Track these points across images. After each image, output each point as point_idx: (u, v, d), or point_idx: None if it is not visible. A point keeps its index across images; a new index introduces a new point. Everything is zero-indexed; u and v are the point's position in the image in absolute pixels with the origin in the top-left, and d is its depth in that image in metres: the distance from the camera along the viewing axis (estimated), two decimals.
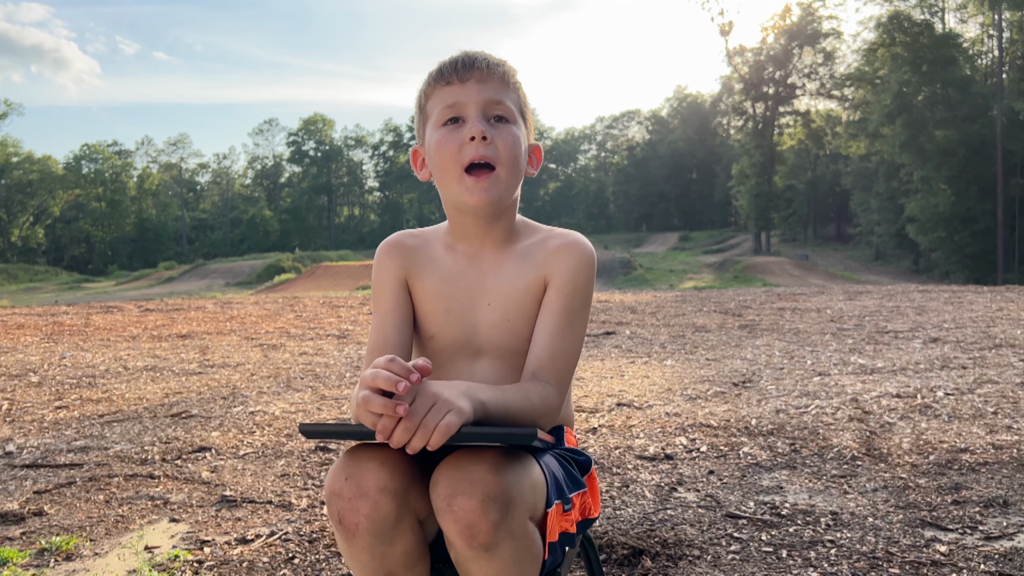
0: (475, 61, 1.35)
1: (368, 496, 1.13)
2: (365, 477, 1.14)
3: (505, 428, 1.08)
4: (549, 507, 1.21)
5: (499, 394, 1.19)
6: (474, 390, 1.13)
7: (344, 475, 1.15)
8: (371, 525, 1.13)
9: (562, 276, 1.37)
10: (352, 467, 1.15)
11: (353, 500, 1.13)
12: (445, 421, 1.02)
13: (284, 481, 2.93)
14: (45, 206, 79.58)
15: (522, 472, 1.15)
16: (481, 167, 1.32)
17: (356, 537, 1.14)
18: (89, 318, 10.34)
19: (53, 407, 4.41)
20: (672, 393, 4.51)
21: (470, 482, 1.08)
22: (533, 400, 1.26)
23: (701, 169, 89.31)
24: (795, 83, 58.71)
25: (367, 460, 1.15)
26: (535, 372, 1.33)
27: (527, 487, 1.14)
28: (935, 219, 40.49)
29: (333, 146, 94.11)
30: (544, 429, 1.28)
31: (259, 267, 48.11)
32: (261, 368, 5.82)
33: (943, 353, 5.73)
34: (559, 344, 1.34)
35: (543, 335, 1.35)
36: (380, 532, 1.15)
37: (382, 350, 1.39)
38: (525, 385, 1.29)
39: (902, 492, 2.62)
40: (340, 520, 1.14)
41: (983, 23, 44.80)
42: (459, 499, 1.08)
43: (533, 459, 1.21)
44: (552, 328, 1.35)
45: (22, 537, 2.38)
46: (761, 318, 8.83)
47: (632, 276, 36.02)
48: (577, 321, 1.37)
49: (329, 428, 1.14)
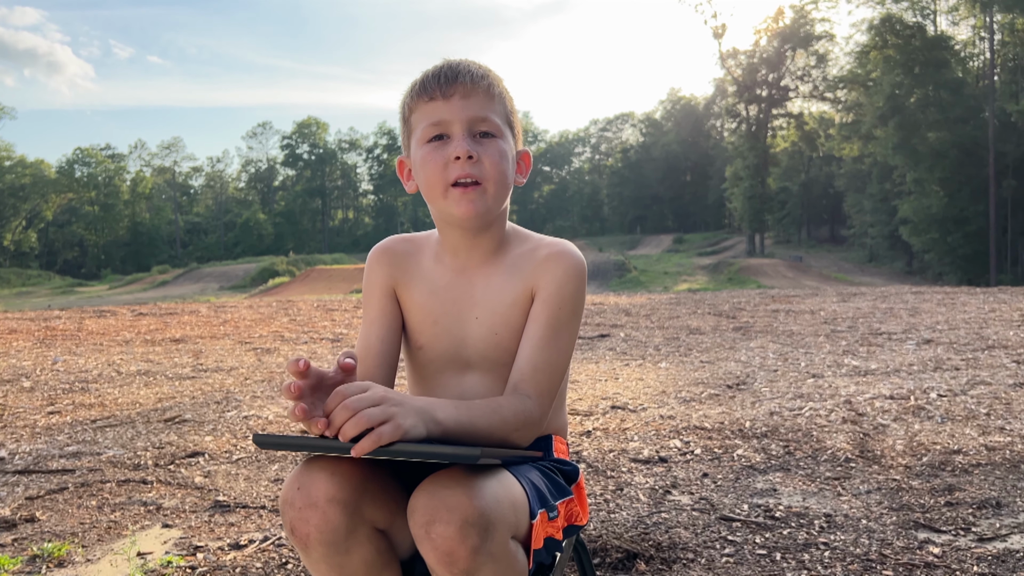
0: (458, 75, 1.31)
1: (317, 506, 1.13)
2: (315, 487, 1.13)
3: (449, 447, 1.04)
4: (533, 519, 1.19)
5: (463, 411, 1.17)
6: (433, 408, 1.12)
7: (296, 485, 1.15)
8: (321, 536, 1.13)
9: (549, 287, 1.35)
10: (304, 477, 1.15)
11: (303, 510, 1.13)
12: (380, 430, 1.01)
13: (277, 486, 2.92)
14: (38, 210, 79.25)
15: (501, 492, 1.13)
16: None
17: (309, 547, 1.14)
18: (82, 322, 10.30)
19: (45, 412, 4.39)
20: (666, 396, 4.51)
21: (447, 508, 1.06)
22: (504, 415, 1.23)
23: (695, 171, 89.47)
24: (788, 85, 58.80)
25: (318, 470, 1.15)
26: (516, 385, 1.30)
27: (507, 507, 1.12)
28: (928, 221, 40.62)
29: (327, 149, 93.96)
30: (520, 444, 1.26)
31: (253, 270, 47.97)
32: (255, 372, 5.80)
33: (936, 355, 5.74)
34: (542, 356, 1.32)
35: (527, 347, 1.33)
36: (332, 543, 1.14)
37: (364, 359, 1.41)
38: (497, 400, 1.26)
39: (895, 494, 2.62)
40: (292, 530, 1.15)
41: (975, 25, 44.98)
42: (437, 526, 1.06)
43: (512, 477, 1.19)
44: (536, 340, 1.33)
45: (14, 544, 2.36)
46: (755, 320, 8.85)
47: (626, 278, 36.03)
48: (563, 333, 1.34)
49: (283, 440, 1.14)
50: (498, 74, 1.38)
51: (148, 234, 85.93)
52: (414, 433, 1.05)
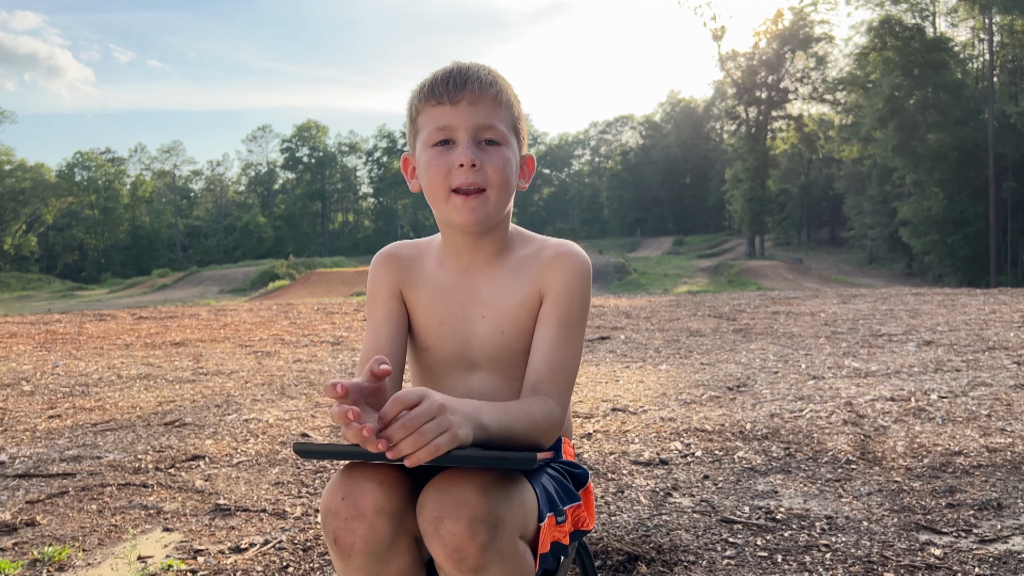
0: (466, 81, 1.31)
1: (365, 517, 1.11)
2: (362, 497, 1.12)
3: (501, 453, 1.05)
4: (541, 521, 1.20)
5: (503, 415, 1.17)
6: (479, 412, 1.10)
7: (341, 494, 1.13)
8: (367, 546, 1.12)
9: (557, 288, 1.36)
10: (349, 486, 1.13)
11: (350, 521, 1.12)
12: (436, 441, 0.98)
13: (278, 489, 2.92)
14: (38, 214, 79.27)
15: (511, 491, 1.13)
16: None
17: (351, 558, 1.13)
18: (82, 326, 10.30)
19: (46, 416, 4.39)
20: (667, 398, 4.51)
21: (456, 504, 1.06)
22: (536, 417, 1.23)
23: (695, 174, 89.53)
24: (788, 87, 58.88)
25: (365, 480, 1.13)
26: (535, 386, 1.31)
27: (516, 506, 1.13)
28: (928, 222, 40.62)
29: (327, 152, 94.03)
30: (546, 446, 1.27)
31: (253, 274, 47.94)
32: (255, 375, 5.80)
33: (937, 356, 5.74)
34: (558, 356, 1.33)
35: (541, 348, 1.34)
36: (376, 553, 1.13)
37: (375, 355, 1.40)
38: (528, 402, 1.26)
39: (896, 495, 2.62)
40: (335, 540, 1.13)
41: (974, 27, 45.02)
42: (446, 522, 1.06)
43: (523, 477, 1.20)
44: (550, 341, 1.34)
45: (14, 548, 2.36)
46: (755, 322, 8.85)
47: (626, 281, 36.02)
48: (575, 332, 1.36)
49: (324, 448, 1.12)
50: (506, 79, 1.38)
51: (148, 238, 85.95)
52: (467, 442, 1.05)
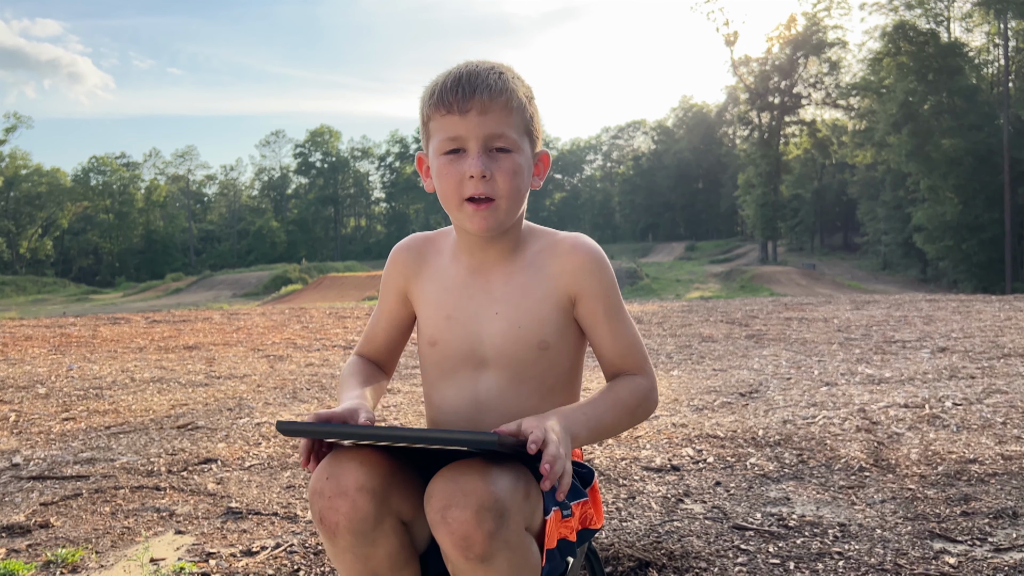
0: (475, 89, 1.28)
1: (347, 495, 1.15)
2: (344, 476, 1.16)
3: (468, 432, 1.09)
4: (547, 515, 1.21)
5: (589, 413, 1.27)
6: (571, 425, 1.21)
7: (325, 474, 1.18)
8: (350, 524, 1.15)
9: (591, 287, 1.42)
10: (333, 466, 1.18)
11: (333, 498, 1.15)
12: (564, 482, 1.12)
13: (290, 493, 2.92)
14: (53, 218, 79.98)
15: (516, 482, 1.15)
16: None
17: (337, 536, 1.16)
18: (96, 330, 10.37)
19: (60, 419, 4.42)
20: (679, 404, 4.50)
21: (464, 493, 1.09)
22: (622, 396, 1.34)
23: (707, 179, 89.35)
24: (800, 93, 58.67)
25: (348, 460, 1.18)
26: (618, 372, 1.42)
27: (521, 497, 1.15)
28: (942, 228, 40.35)
29: (339, 157, 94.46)
30: (642, 419, 1.37)
31: (266, 278, 48.22)
32: (267, 379, 5.82)
33: (951, 363, 5.70)
34: (622, 341, 1.42)
35: (606, 343, 1.42)
36: (360, 532, 1.16)
37: (371, 339, 1.58)
38: (611, 387, 1.37)
39: (910, 503, 2.60)
40: (321, 519, 1.17)
41: (989, 32, 44.77)
42: (453, 510, 1.08)
43: (528, 470, 1.21)
44: (611, 331, 1.42)
45: (28, 549, 2.38)
46: (768, 328, 8.81)
47: (638, 286, 35.95)
48: (622, 312, 1.45)
49: (307, 428, 1.16)
50: (518, 76, 1.36)
51: (162, 242, 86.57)
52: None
